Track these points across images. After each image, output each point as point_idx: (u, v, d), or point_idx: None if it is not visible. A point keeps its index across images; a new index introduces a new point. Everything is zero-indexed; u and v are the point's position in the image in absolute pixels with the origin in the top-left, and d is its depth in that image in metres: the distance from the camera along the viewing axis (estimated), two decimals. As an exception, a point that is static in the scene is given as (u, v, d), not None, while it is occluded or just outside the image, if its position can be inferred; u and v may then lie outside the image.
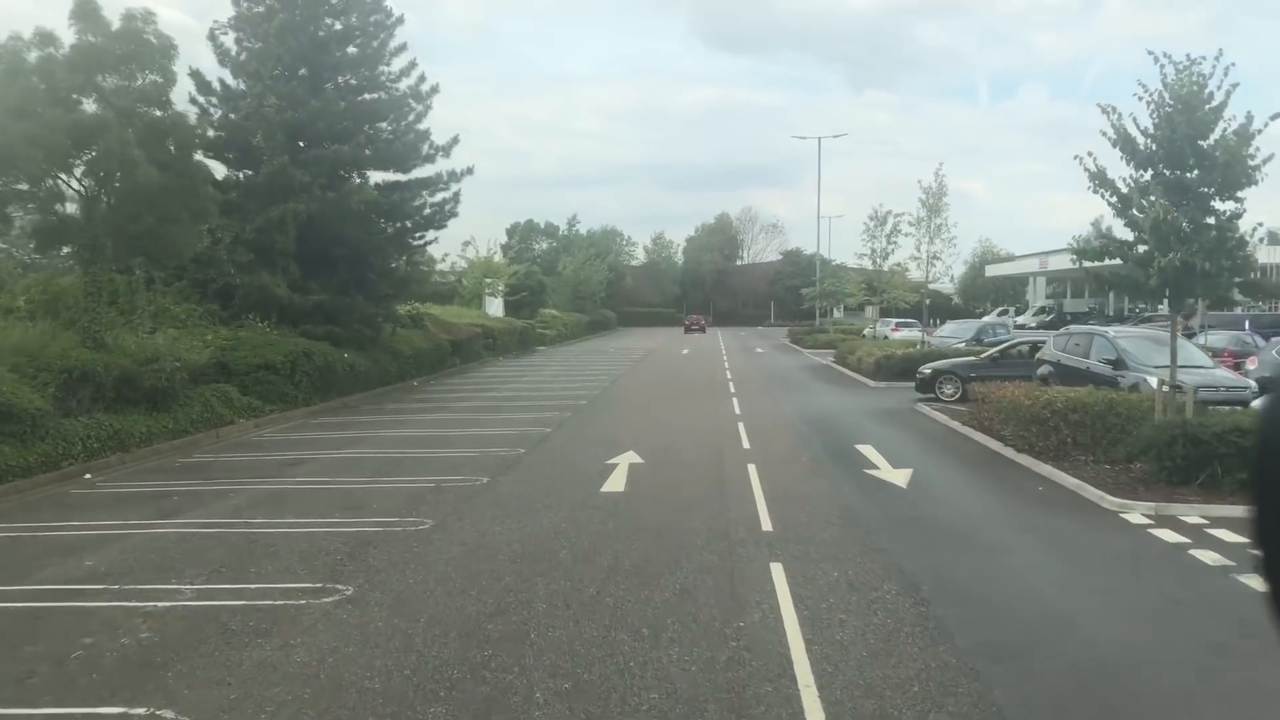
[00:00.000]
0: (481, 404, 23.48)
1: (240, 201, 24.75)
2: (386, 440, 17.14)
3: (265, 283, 23.20)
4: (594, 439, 16.76)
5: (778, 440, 16.44)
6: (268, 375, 20.77)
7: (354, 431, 18.58)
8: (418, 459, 14.97)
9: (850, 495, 11.69)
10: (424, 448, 16.15)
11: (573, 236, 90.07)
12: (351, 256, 25.59)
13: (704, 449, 15.49)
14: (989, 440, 15.40)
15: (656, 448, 15.62)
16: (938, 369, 22.67)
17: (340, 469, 14.18)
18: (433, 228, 28.67)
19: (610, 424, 18.98)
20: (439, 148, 27.17)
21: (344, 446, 16.46)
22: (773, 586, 7.84)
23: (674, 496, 11.71)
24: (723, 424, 18.67)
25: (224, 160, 25.84)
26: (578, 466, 13.97)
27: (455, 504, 11.44)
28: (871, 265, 33.86)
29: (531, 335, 49.63)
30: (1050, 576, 8.25)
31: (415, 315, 32.76)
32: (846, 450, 15.24)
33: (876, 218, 33.38)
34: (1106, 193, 11.85)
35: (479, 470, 13.73)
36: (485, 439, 17.02)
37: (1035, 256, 77.89)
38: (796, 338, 51.69)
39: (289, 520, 10.80)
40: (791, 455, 14.79)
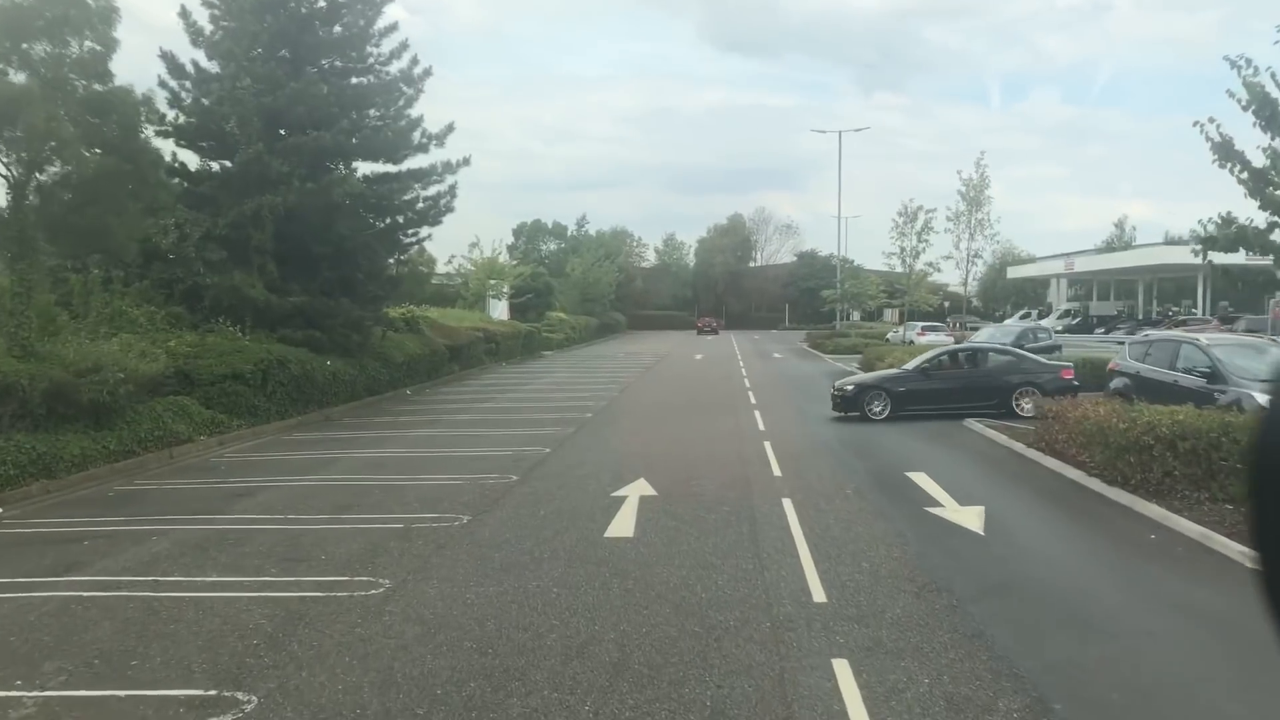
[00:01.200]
0: (476, 416, 21.22)
1: (213, 194, 22.61)
2: (361, 463, 14.89)
3: (237, 283, 21.01)
4: (599, 462, 14.47)
5: (813, 465, 14.12)
6: (235, 386, 18.55)
7: (328, 450, 16.34)
8: (391, 488, 12.71)
9: (916, 545, 9.36)
10: (402, 473, 13.89)
11: (582, 237, 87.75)
12: (335, 255, 23.38)
13: (727, 477, 13.18)
14: (1064, 468, 13.04)
15: (671, 475, 13.32)
16: (863, 384, 20.49)
17: (297, 502, 11.92)
18: (427, 224, 26.45)
19: (618, 443, 16.69)
20: (432, 136, 24.96)
21: (310, 471, 14.21)
22: (842, 705, 5.54)
23: (695, 545, 9.40)
24: (746, 443, 16.36)
25: (199, 150, 23.74)
26: (578, 500, 11.69)
27: (423, 556, 9.17)
28: (901, 265, 31.51)
29: (537, 339, 47.40)
30: (1232, 688, 5.92)
31: (410, 319, 30.55)
32: (896, 479, 12.90)
33: (906, 213, 31.09)
34: (1234, 167, 9.54)
35: (460, 505, 11.46)
36: (474, 461, 14.75)
37: (1060, 258, 75.24)
38: (816, 342, 49.27)
39: (211, 579, 8.56)
40: (833, 486, 12.46)
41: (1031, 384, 19.50)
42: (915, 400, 19.58)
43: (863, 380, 20.93)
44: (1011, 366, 20.38)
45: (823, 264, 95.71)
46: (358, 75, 24.83)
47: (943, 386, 19.82)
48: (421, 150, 25.08)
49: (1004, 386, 19.66)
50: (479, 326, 38.24)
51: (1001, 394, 19.48)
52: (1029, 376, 19.84)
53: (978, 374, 20.31)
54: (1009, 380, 19.77)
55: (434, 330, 32.45)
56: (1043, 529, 10.26)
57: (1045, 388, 19.27)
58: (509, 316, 52.63)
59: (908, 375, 20.34)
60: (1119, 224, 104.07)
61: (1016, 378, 19.81)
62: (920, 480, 12.69)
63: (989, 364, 20.65)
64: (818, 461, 14.45)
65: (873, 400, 19.53)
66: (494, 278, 50.08)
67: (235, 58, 22.27)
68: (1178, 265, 64.00)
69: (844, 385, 20.58)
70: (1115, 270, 70.82)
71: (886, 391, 19.68)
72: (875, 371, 22.13)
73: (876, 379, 20.79)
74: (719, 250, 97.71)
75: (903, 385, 19.89)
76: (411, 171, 24.98)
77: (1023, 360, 20.79)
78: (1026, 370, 20.18)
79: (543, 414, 21.37)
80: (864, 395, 19.72)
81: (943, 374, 20.20)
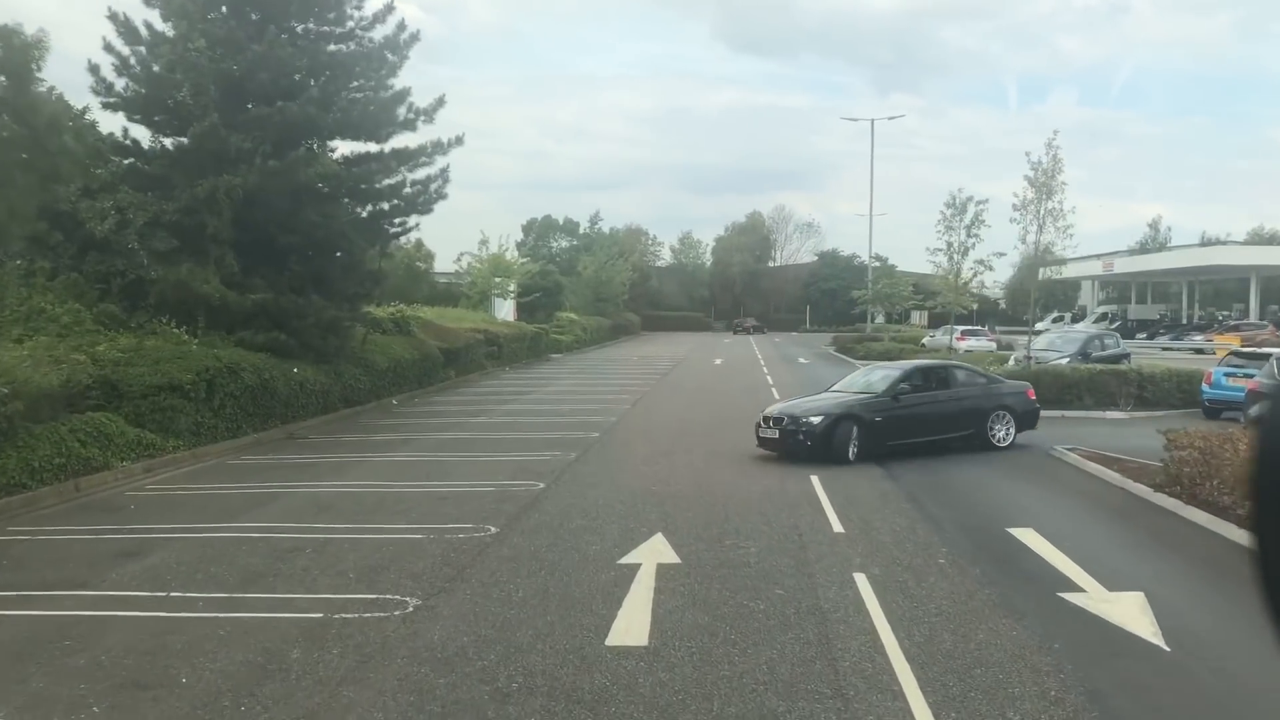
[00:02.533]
0: (463, 435, 18.11)
1: (164, 174, 19.57)
2: (305, 502, 11.77)
3: (185, 277, 17.96)
4: (604, 506, 11.31)
5: (880, 513, 10.90)
6: (172, 399, 15.48)
7: (273, 481, 13.25)
8: (329, 545, 9.59)
9: (1074, 667, 6.17)
10: (352, 518, 10.78)
11: (595, 235, 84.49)
12: (306, 245, 20.32)
13: (771, 532, 10.00)
14: (1222, 525, 9.79)
15: (697, 527, 10.17)
16: (830, 413, 14.71)
17: (194, 569, 8.82)
18: (416, 212, 23.29)
19: (629, 476, 13.52)
20: (420, 111, 21.83)
21: (237, 514, 11.11)
22: None
23: (741, 666, 6.25)
24: (788, 478, 13.16)
25: (153, 125, 20.67)
26: (572, 571, 8.54)
27: (330, 684, 6.04)
28: (948, 262, 28.21)
29: (544, 341, 44.26)
30: None
31: (399, 319, 27.49)
32: (998, 539, 9.70)
33: (954, 205, 27.75)
34: None
35: (409, 579, 8.34)
36: (448, 502, 11.63)
37: (1097, 258, 71.43)
38: (844, 346, 45.92)
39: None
40: (916, 550, 9.26)
41: (1004, 408, 16.03)
42: (891, 432, 14.79)
43: (829, 408, 14.91)
44: (981, 387, 16.34)
45: (845, 264, 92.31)
46: (336, 42, 21.75)
47: (918, 413, 15.22)
48: (408, 128, 21.98)
49: (978, 411, 15.80)
50: (480, 327, 35.15)
51: (977, 421, 15.69)
52: (1000, 399, 16.15)
53: (950, 396, 15.84)
54: (982, 404, 15.93)
55: (428, 332, 29.38)
56: (1248, 634, 7.05)
57: (1017, 411, 16.10)
58: (516, 316, 49.58)
59: (879, 401, 15.12)
60: (1153, 224, 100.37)
61: (989, 401, 16.03)
62: (1031, 542, 9.48)
63: (959, 384, 16.23)
64: (885, 508, 11.23)
65: (847, 436, 14.43)
66: (500, 275, 46.97)
67: (190, 16, 19.22)
68: (1228, 266, 60.51)
69: (808, 419, 14.53)
70: (1160, 271, 67.14)
71: (858, 422, 14.60)
72: (831, 393, 16.14)
73: (847, 405, 15.01)
74: (737, 249, 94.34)
75: (877, 413, 14.81)
76: (397, 152, 21.86)
77: (991, 380, 16.95)
78: (997, 392, 16.36)
79: (542, 432, 18.23)
80: (839, 429, 14.39)
81: (915, 397, 15.44)
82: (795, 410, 15.08)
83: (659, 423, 19.78)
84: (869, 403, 15.10)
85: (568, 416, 20.89)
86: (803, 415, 14.74)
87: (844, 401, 15.24)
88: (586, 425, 19.10)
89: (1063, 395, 20.22)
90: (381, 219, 22.88)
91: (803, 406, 15.39)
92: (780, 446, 14.70)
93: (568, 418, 20.66)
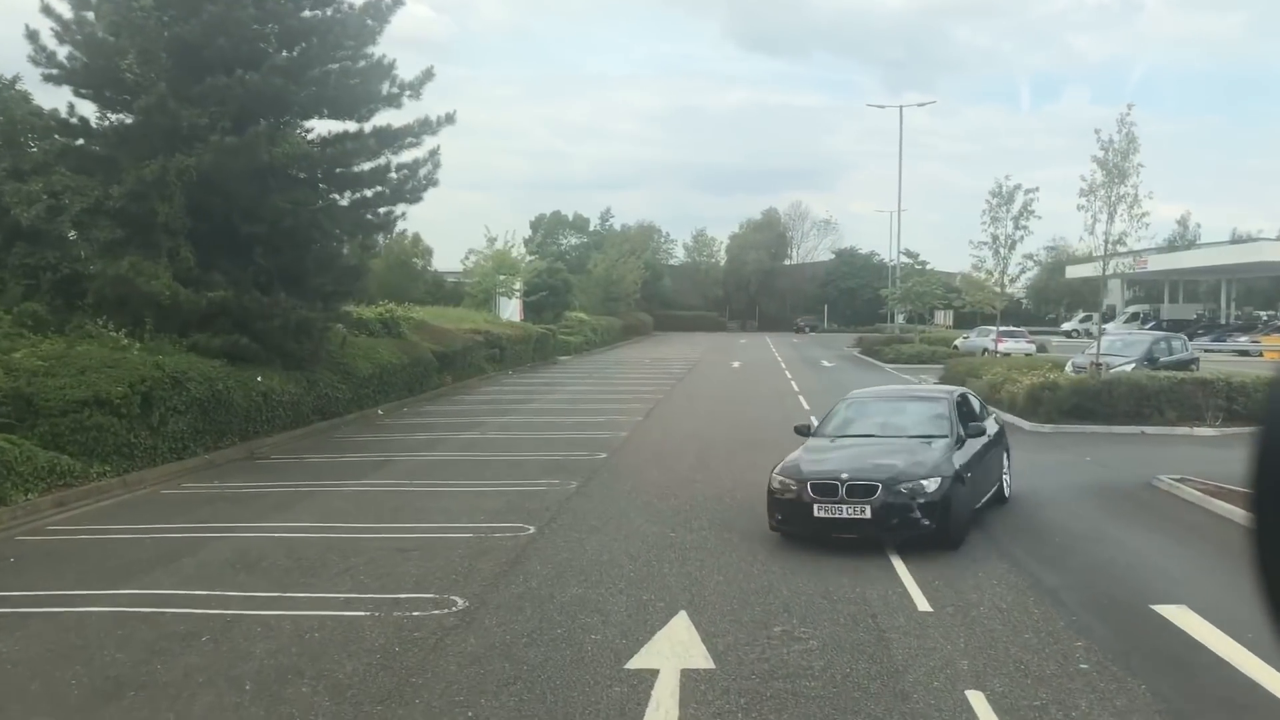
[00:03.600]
0: (449, 454, 15.60)
1: (110, 155, 17.11)
2: (226, 557, 9.24)
3: (126, 272, 15.51)
4: (609, 565, 8.75)
5: (972, 577, 8.26)
6: (99, 416, 12.97)
7: (200, 521, 10.75)
8: (234, 630, 7.07)
9: None
10: (275, 587, 8.25)
11: (606, 232, 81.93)
12: (273, 236, 17.80)
13: (835, 613, 7.40)
14: None
15: (733, 603, 7.61)
16: (940, 469, 9.22)
17: (29, 677, 6.31)
18: (404, 200, 20.72)
19: (642, 513, 10.95)
20: (405, 85, 19.30)
21: (131, 576, 8.59)
22: None
23: None
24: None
25: (102, 101, 18.17)
26: (561, 687, 5.99)
27: None
28: (993, 257, 25.52)
29: (551, 343, 41.70)
30: None
31: (388, 319, 24.99)
32: (1149, 626, 7.08)
33: (1001, 194, 25.06)
34: None
35: (329, 696, 5.82)
36: (408, 557, 9.09)
37: (1127, 255, 68.06)
38: (870, 348, 43.13)
39: None
40: (1041, 644, 6.63)
41: (1006, 446, 11.83)
42: (971, 493, 9.71)
43: (938, 461, 9.45)
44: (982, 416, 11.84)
45: (863, 262, 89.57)
46: (312, 8, 19.24)
47: (982, 461, 10.39)
48: (392, 104, 19.43)
49: (998, 459, 11.32)
50: (480, 329, 32.62)
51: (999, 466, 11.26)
52: (1002, 435, 11.90)
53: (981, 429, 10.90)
54: (1000, 440, 11.67)
55: (422, 333, 26.86)
56: None
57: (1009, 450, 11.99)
58: (522, 316, 47.07)
59: (953, 443, 9.99)
60: (1181, 221, 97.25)
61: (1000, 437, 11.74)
62: (1194, 628, 6.87)
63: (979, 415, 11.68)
64: (974, 567, 8.60)
65: (965, 504, 9.41)
66: (505, 273, 44.42)
67: (139, -27, 16.75)
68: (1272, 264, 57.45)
69: (897, 475, 9.07)
70: (1196, 270, 64.10)
71: (958, 479, 9.28)
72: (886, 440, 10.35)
73: (944, 456, 9.57)
74: (752, 247, 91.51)
75: (966, 467, 9.70)
76: (378, 131, 19.29)
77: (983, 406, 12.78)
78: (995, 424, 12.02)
79: (540, 451, 15.70)
80: (957, 496, 9.12)
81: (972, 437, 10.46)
82: (883, 467, 9.23)
83: (676, 440, 17.20)
84: (951, 447, 9.84)
85: (571, 431, 18.34)
86: (903, 476, 9.04)
87: (939, 451, 9.66)
88: (592, 443, 16.54)
89: (1140, 408, 17.55)
90: (364, 208, 20.33)
91: (885, 460, 9.51)
92: (875, 531, 8.92)
93: (571, 433, 18.11)
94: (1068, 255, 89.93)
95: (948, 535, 9.00)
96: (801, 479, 9.30)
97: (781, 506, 9.39)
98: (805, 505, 9.11)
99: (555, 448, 16.12)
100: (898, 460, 9.51)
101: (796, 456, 10.00)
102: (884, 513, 8.90)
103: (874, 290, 74.14)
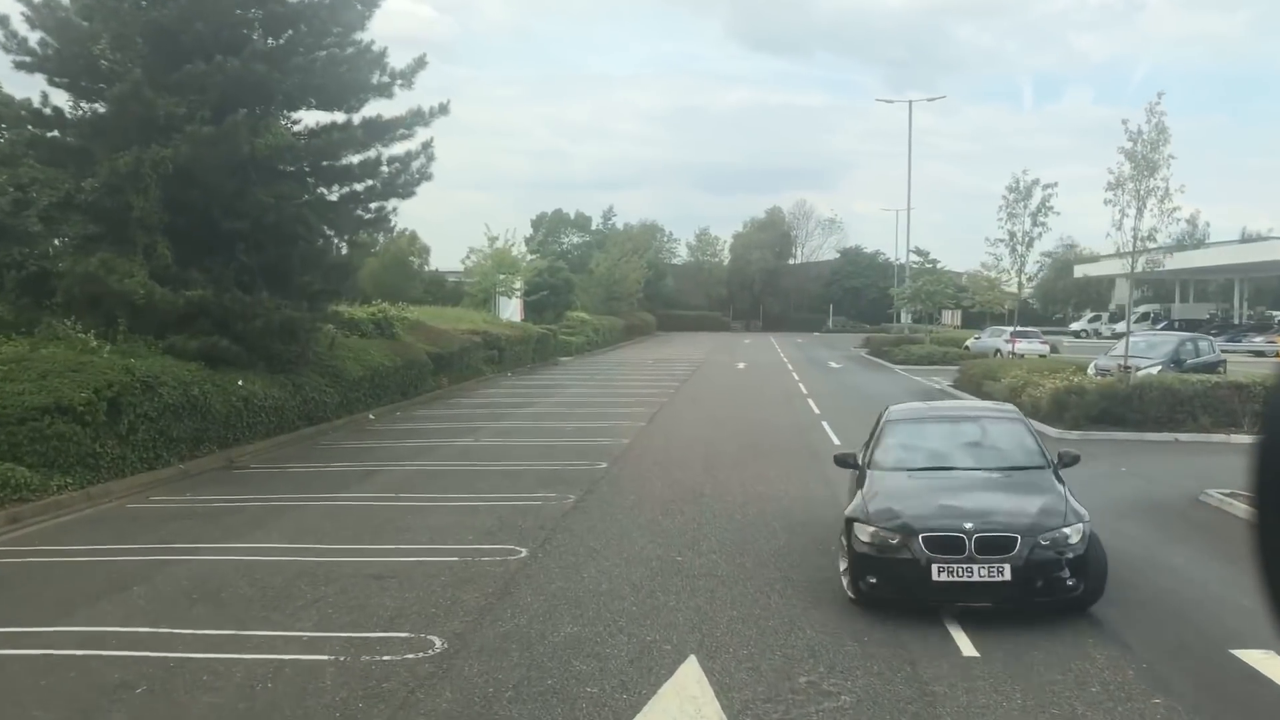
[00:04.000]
0: (441, 463, 14.68)
1: (84, 146, 16.22)
2: (183, 585, 8.30)
3: (96, 269, 14.59)
4: (608, 596, 7.81)
5: (1019, 615, 7.30)
6: (60, 424, 12.04)
7: (163, 542, 9.82)
8: (174, 680, 6.14)
9: None
10: (231, 623, 7.31)
11: (608, 231, 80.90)
12: (256, 232, 16.86)
13: (868, 657, 6.46)
14: None
15: (750, 644, 6.67)
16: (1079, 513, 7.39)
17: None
18: (396, 195, 19.76)
19: (645, 533, 10.00)
20: (397, 74, 18.37)
21: (72, 611, 7.65)
22: None
23: None
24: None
25: (78, 90, 17.25)
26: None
27: None
28: (1010, 253, 24.53)
29: (551, 343, 40.74)
30: None
31: (381, 319, 24.07)
32: (1234, 675, 6.13)
33: (1018, 189, 24.08)
34: None
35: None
36: (385, 586, 8.15)
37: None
38: (879, 349, 42.10)
39: None
40: (1114, 704, 5.69)
41: None
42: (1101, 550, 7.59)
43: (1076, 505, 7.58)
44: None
45: (868, 261, 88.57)
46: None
47: None
48: (383, 94, 18.50)
49: None
50: (478, 329, 31.68)
51: None
52: None
53: None
54: None
55: (417, 334, 25.93)
56: None
57: None
58: (523, 316, 46.13)
59: None
60: (1191, 220, 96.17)
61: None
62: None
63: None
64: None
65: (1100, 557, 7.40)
66: (505, 272, 43.46)
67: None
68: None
69: (1039, 522, 7.27)
70: (1208, 269, 62.98)
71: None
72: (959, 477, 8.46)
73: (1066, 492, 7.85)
74: (756, 246, 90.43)
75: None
76: (367, 122, 18.35)
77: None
78: None
79: (536, 460, 14.77)
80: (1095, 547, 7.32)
81: None
82: (1013, 513, 7.40)
83: (680, 447, 16.25)
84: (1057, 481, 8.11)
85: (570, 437, 17.41)
86: (1041, 524, 7.19)
87: (1055, 489, 7.83)
88: (592, 451, 15.60)
89: (1173, 414, 16.59)
90: (353, 203, 19.38)
91: (1004, 502, 7.72)
92: (1016, 597, 7.07)
93: (570, 439, 17.18)
94: (1075, 254, 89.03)
95: (1091, 599, 7.20)
96: (907, 529, 7.18)
97: (878, 567, 7.21)
98: (919, 566, 7.00)
99: (553, 456, 15.18)
100: (1020, 502, 7.63)
101: (877, 497, 7.80)
102: (1027, 573, 6.95)
103: (880, 290, 73.13)
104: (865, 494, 7.95)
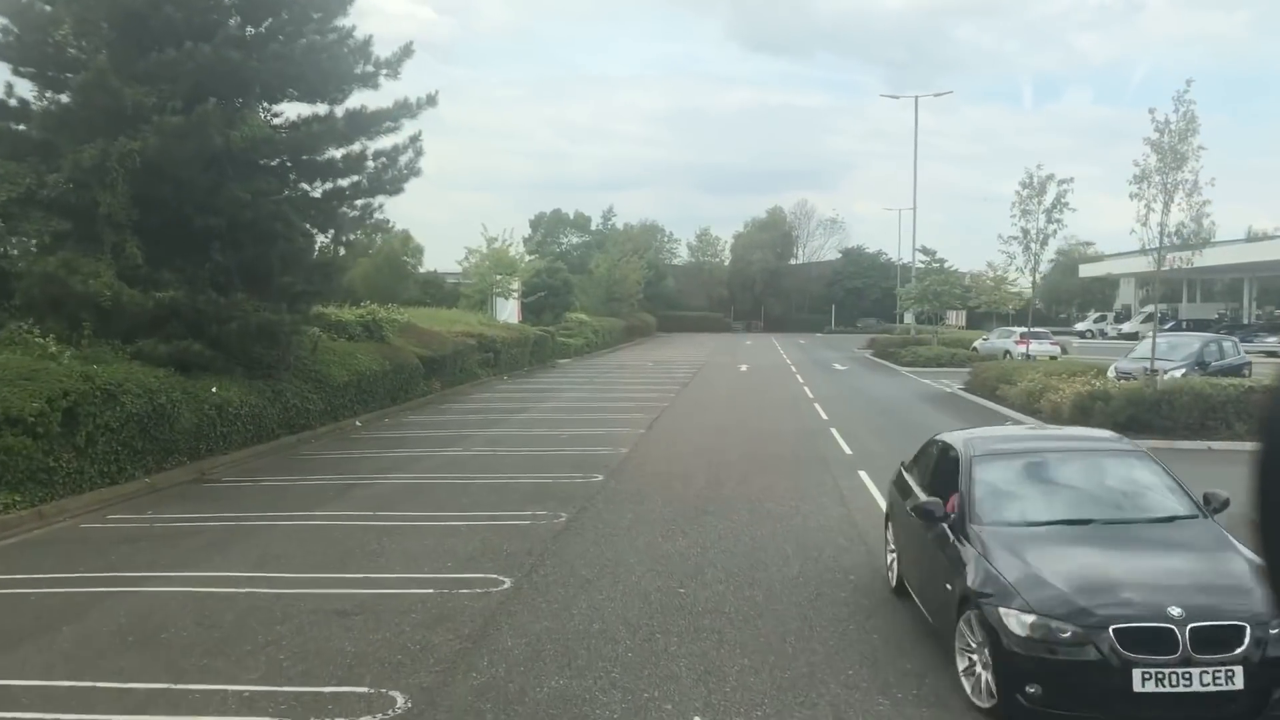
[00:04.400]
0: (424, 476, 13.72)
1: (47, 139, 15.27)
2: (123, 622, 7.35)
3: (55, 269, 13.66)
4: (600, 637, 6.86)
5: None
6: (9, 437, 11.08)
7: (110, 571, 8.88)
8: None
9: None
10: (166, 673, 6.37)
11: (608, 231, 79.95)
12: (232, 230, 15.92)
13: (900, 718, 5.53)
14: None
15: (765, 699, 5.72)
16: None
17: None
18: (383, 191, 18.80)
19: (643, 560, 9.05)
20: (382, 63, 17.43)
21: (6, 649, 6.73)
22: None
23: None
24: (879, 575, 8.66)
25: (45, 80, 16.33)
26: None
27: None
28: (1024, 252, 23.53)
29: (549, 345, 39.81)
30: None
31: (370, 321, 23.12)
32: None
33: (1032, 185, 23.11)
34: None
35: None
36: (349, 625, 7.20)
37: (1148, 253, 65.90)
38: (884, 350, 41.11)
39: None
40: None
41: None
42: None
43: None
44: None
45: (870, 261, 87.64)
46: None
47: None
48: (368, 84, 17.56)
49: None
50: (473, 331, 30.73)
51: None
52: None
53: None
54: None
55: (409, 336, 25.01)
56: None
57: None
58: (520, 318, 45.19)
59: None
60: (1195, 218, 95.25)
61: None
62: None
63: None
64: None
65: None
66: (502, 272, 42.50)
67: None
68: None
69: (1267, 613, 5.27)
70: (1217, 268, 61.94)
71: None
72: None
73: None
74: (757, 246, 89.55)
75: None
76: (351, 114, 17.40)
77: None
78: None
79: (527, 473, 13.82)
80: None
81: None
82: (1225, 591, 5.63)
83: (682, 459, 15.30)
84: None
85: (565, 446, 16.46)
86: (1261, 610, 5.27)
87: (1234, 550, 6.09)
88: (588, 462, 14.65)
89: (1205, 420, 15.64)
90: (338, 200, 18.43)
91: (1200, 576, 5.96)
92: (1249, 709, 5.26)
93: (565, 448, 16.24)
94: (1081, 253, 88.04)
95: None
96: (1090, 620, 5.30)
97: (1046, 672, 5.28)
98: (1112, 670, 5.18)
99: (546, 467, 14.23)
100: (1215, 571, 5.89)
101: (1015, 568, 5.77)
102: (1261, 678, 5.20)
103: (882, 290, 72.13)
104: (994, 563, 5.87)
